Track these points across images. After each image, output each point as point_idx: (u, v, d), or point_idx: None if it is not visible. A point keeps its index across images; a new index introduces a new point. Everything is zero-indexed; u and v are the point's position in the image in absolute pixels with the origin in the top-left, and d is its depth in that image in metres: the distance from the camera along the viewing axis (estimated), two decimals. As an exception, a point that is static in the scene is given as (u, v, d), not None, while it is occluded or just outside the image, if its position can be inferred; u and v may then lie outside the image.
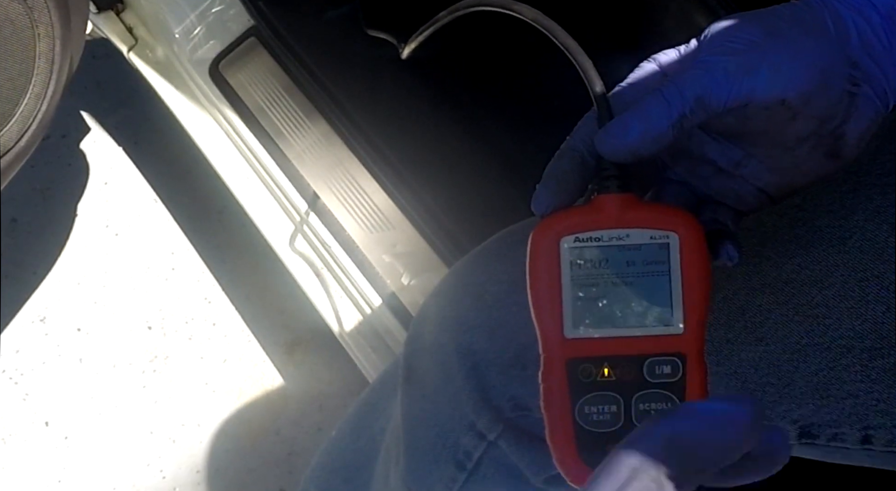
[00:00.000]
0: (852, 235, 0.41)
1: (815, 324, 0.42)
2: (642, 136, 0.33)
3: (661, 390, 0.35)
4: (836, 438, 0.42)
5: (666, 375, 0.35)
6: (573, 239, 0.35)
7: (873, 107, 0.35)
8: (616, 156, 0.34)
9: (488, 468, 0.55)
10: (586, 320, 0.35)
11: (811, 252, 0.42)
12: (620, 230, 0.35)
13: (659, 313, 0.35)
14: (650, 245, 0.35)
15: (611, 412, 0.35)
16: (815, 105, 0.34)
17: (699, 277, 0.35)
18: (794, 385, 0.42)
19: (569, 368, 0.35)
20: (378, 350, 0.88)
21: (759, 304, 0.43)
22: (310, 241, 0.91)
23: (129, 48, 0.99)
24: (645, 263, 0.35)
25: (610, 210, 0.35)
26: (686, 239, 0.35)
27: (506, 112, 0.89)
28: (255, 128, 0.91)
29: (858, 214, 0.42)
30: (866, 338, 0.40)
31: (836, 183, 0.43)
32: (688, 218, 0.35)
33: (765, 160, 0.36)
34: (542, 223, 0.36)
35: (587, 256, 0.35)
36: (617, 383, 0.35)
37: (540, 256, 0.36)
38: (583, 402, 0.35)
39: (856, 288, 0.41)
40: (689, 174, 0.38)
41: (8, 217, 1.19)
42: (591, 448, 0.35)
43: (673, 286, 0.35)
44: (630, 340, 0.35)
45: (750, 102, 0.33)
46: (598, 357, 0.35)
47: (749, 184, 0.37)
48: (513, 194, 0.84)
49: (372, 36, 0.89)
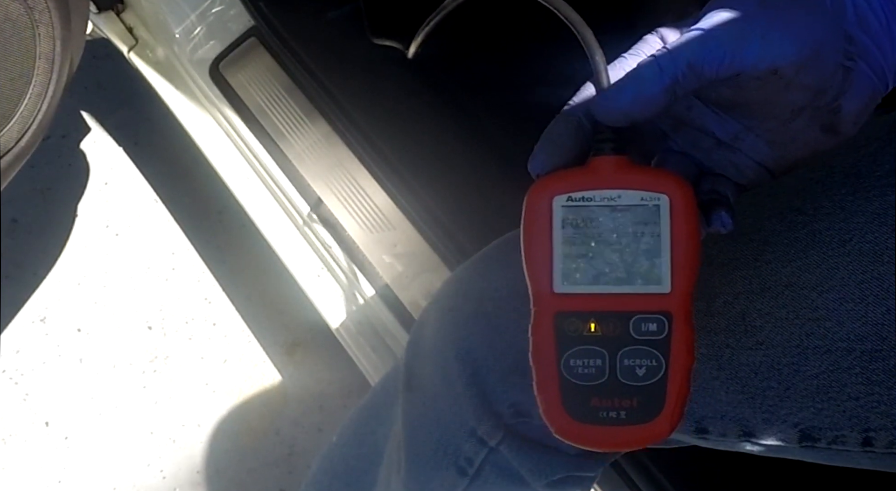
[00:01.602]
0: (852, 238, 0.41)
1: (816, 327, 0.42)
2: (635, 99, 0.34)
3: (647, 347, 0.36)
4: (837, 441, 0.42)
5: (651, 333, 0.36)
6: (566, 198, 0.36)
7: (870, 83, 0.35)
8: (610, 119, 0.35)
9: (490, 474, 0.55)
10: (575, 276, 0.36)
11: (811, 255, 0.42)
12: (612, 191, 0.36)
13: (647, 272, 0.36)
14: (641, 206, 0.36)
15: (595, 366, 0.36)
16: (807, 76, 0.34)
17: (688, 239, 0.36)
18: (795, 388, 0.42)
19: (556, 322, 0.36)
20: (378, 350, 0.88)
21: (758, 308, 0.43)
22: (310, 241, 0.91)
23: (130, 48, 0.99)
24: (635, 223, 0.36)
25: (603, 171, 0.36)
26: (676, 201, 0.35)
27: (506, 112, 0.89)
28: (255, 128, 0.91)
29: (858, 217, 0.42)
30: (867, 340, 0.40)
31: (835, 186, 0.43)
32: (679, 181, 0.36)
33: (763, 134, 0.37)
34: (537, 183, 0.37)
35: (579, 215, 0.36)
36: (603, 338, 0.36)
37: (534, 215, 0.37)
38: (569, 355, 0.36)
39: (856, 290, 0.41)
40: (691, 146, 0.39)
41: (8, 217, 1.19)
42: (576, 401, 0.36)
43: (662, 247, 0.36)
44: (617, 297, 0.36)
45: (742, 71, 0.34)
46: (586, 312, 0.36)
47: (748, 157, 0.37)
48: (513, 194, 0.84)
49: (370, 36, 0.89)
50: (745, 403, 0.44)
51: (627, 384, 0.36)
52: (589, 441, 0.37)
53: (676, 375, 0.36)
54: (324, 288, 0.90)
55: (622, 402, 0.36)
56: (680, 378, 0.36)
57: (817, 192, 0.43)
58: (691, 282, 0.36)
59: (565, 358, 0.36)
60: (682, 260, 0.36)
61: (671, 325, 0.36)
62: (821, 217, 0.43)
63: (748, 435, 0.45)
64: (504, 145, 0.88)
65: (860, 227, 0.41)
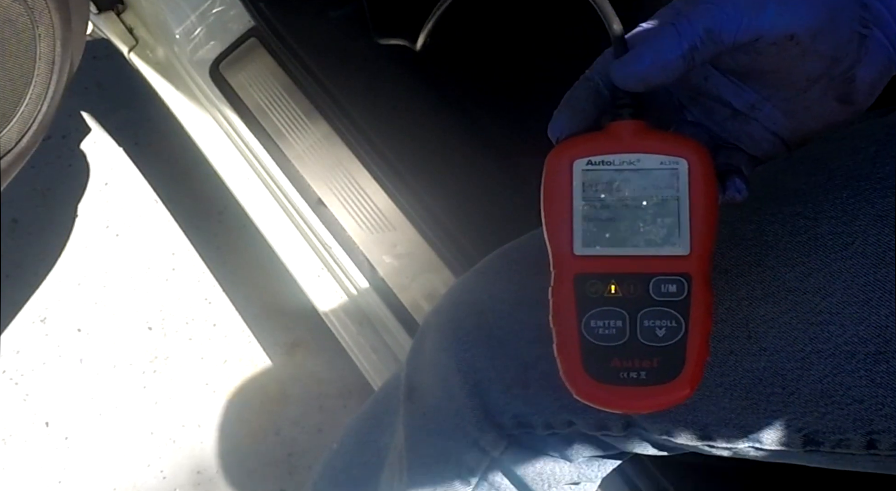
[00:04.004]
0: (854, 241, 0.41)
1: (819, 331, 0.42)
2: (653, 65, 0.34)
3: (666, 308, 0.36)
4: (841, 445, 0.42)
5: (671, 294, 0.36)
6: (585, 162, 0.37)
7: (885, 52, 0.36)
8: (628, 84, 0.35)
9: (492, 484, 0.55)
10: (595, 239, 0.37)
11: (813, 259, 0.42)
12: (631, 155, 0.36)
13: (666, 235, 0.36)
14: (660, 170, 0.36)
15: (616, 327, 0.36)
16: (823, 42, 0.34)
17: (706, 202, 0.36)
18: (799, 393, 0.42)
19: (577, 284, 0.37)
20: (378, 350, 0.88)
21: (762, 314, 0.43)
22: (310, 241, 0.91)
23: (130, 49, 0.99)
24: (654, 186, 0.36)
25: (622, 136, 0.37)
26: (694, 165, 0.36)
27: (506, 112, 0.89)
28: (255, 128, 0.91)
29: (860, 219, 0.42)
30: (870, 343, 0.40)
31: (836, 188, 0.43)
32: (697, 145, 0.36)
33: (779, 104, 0.37)
34: (556, 147, 0.37)
35: (598, 179, 0.37)
36: (623, 300, 0.36)
37: (554, 178, 0.37)
38: (589, 316, 0.37)
39: (859, 293, 0.41)
40: (706, 116, 0.39)
41: (8, 218, 1.19)
42: (596, 361, 0.37)
43: (680, 209, 0.36)
44: (637, 259, 0.36)
45: (759, 37, 0.34)
46: (606, 274, 0.37)
47: (764, 128, 0.38)
48: (513, 195, 0.84)
49: (375, 37, 0.89)
50: (750, 409, 0.44)
51: (648, 345, 0.36)
52: (610, 402, 0.37)
53: (696, 336, 0.36)
54: (324, 288, 0.90)
55: (642, 362, 0.36)
56: (699, 339, 0.36)
57: (819, 195, 0.43)
58: (710, 244, 0.36)
59: (586, 319, 0.37)
60: (700, 222, 0.36)
61: (690, 286, 0.36)
62: (823, 220, 0.43)
63: (752, 441, 0.45)
64: (504, 145, 0.88)
65: (862, 229, 0.41)
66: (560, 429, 0.50)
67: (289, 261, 0.92)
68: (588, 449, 0.52)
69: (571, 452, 0.52)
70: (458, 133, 0.88)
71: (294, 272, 0.92)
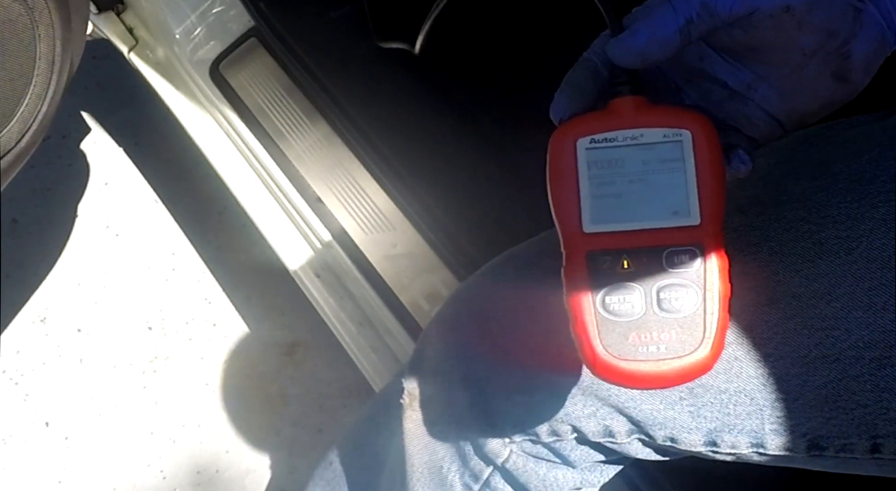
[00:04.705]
0: (859, 245, 0.41)
1: (824, 336, 0.42)
2: (649, 40, 0.35)
3: (681, 279, 0.36)
4: (845, 449, 0.42)
5: (685, 264, 0.36)
6: (589, 141, 0.37)
7: (879, 28, 0.36)
8: (625, 60, 0.36)
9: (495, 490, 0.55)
10: (604, 215, 0.37)
11: (818, 265, 0.42)
12: (634, 130, 0.37)
13: (675, 207, 0.36)
14: (664, 143, 0.36)
15: (632, 302, 0.36)
16: (819, 13, 0.34)
17: (713, 171, 0.36)
18: (804, 398, 0.42)
19: (589, 261, 0.37)
20: (378, 350, 0.88)
21: (766, 320, 0.43)
22: (310, 241, 0.91)
23: (130, 49, 0.99)
24: (659, 160, 0.36)
25: (623, 112, 0.37)
26: (698, 135, 0.36)
27: (506, 112, 0.89)
28: (255, 128, 0.91)
29: (864, 224, 0.41)
30: (875, 347, 0.40)
31: (839, 192, 0.43)
32: (699, 116, 0.36)
33: (774, 83, 0.37)
34: (559, 128, 0.38)
35: (603, 156, 0.37)
36: (637, 274, 0.36)
37: (558, 159, 0.37)
38: (605, 292, 0.37)
39: (864, 298, 0.41)
40: (703, 98, 0.39)
41: (8, 218, 1.19)
42: (615, 338, 0.36)
43: (688, 180, 0.36)
44: (648, 233, 0.36)
45: (755, 10, 0.34)
46: (618, 250, 0.37)
47: (760, 108, 0.38)
48: (513, 195, 0.84)
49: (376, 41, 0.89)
50: (755, 415, 0.44)
51: (665, 317, 0.36)
52: (630, 379, 0.37)
53: (713, 305, 0.36)
54: (324, 288, 0.90)
55: (661, 335, 0.36)
56: (717, 307, 0.36)
57: (822, 200, 0.43)
58: (720, 212, 0.36)
59: (601, 296, 0.37)
60: (709, 191, 0.36)
61: (704, 255, 0.36)
62: (827, 225, 0.43)
63: (756, 446, 0.44)
64: (504, 145, 0.88)
65: (867, 233, 0.41)
66: (564, 435, 0.50)
67: (289, 261, 0.92)
68: (591, 455, 0.52)
69: (574, 459, 0.52)
70: (458, 133, 0.88)
71: (294, 272, 0.92)
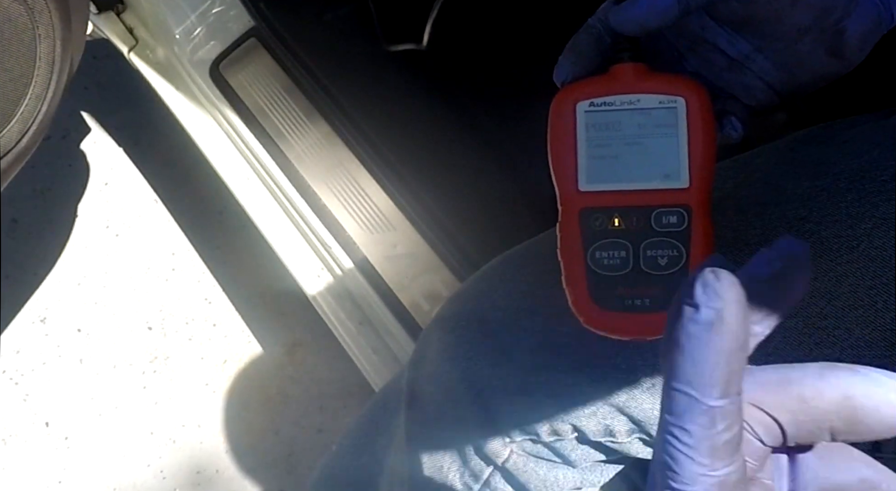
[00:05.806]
0: (860, 244, 0.41)
1: (825, 336, 0.42)
2: (649, 9, 0.36)
3: (668, 238, 0.38)
4: None
5: (672, 225, 0.38)
6: (588, 104, 0.39)
7: (873, 7, 0.37)
8: (626, 27, 0.37)
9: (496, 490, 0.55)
10: (599, 175, 0.39)
11: (819, 264, 0.42)
12: (632, 95, 0.38)
13: (666, 170, 0.38)
14: (659, 109, 0.38)
15: (620, 257, 0.39)
16: None
17: (704, 137, 0.38)
18: None
19: (582, 218, 0.39)
20: (378, 350, 0.88)
21: None
22: (310, 241, 0.91)
23: (130, 49, 0.99)
24: (654, 125, 0.38)
25: (622, 78, 0.38)
26: (692, 103, 0.38)
27: (506, 112, 0.89)
28: (255, 128, 0.91)
29: (865, 222, 0.41)
30: (876, 346, 0.40)
31: (840, 192, 0.43)
32: (694, 84, 0.38)
33: (771, 55, 0.38)
34: (561, 91, 0.39)
35: (601, 119, 0.39)
36: (626, 232, 0.38)
37: (558, 120, 0.39)
38: (595, 248, 0.39)
39: (865, 297, 0.41)
40: (704, 67, 0.40)
41: (8, 218, 1.19)
42: (603, 291, 0.39)
43: (680, 145, 0.38)
44: (639, 193, 0.38)
45: None
46: (609, 208, 0.39)
47: (757, 77, 0.39)
48: (513, 194, 0.84)
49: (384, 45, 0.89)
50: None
51: (651, 273, 0.38)
52: (616, 329, 0.39)
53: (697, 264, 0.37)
54: (324, 288, 0.90)
55: (646, 290, 0.38)
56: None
57: (823, 199, 0.44)
58: (709, 177, 0.38)
59: (591, 251, 0.39)
60: (699, 156, 0.38)
61: (691, 217, 0.38)
62: (828, 224, 0.43)
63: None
64: (504, 145, 0.88)
65: (867, 232, 0.41)
66: (564, 435, 0.50)
67: (289, 261, 0.92)
68: (592, 454, 0.52)
69: (575, 458, 0.52)
70: (459, 133, 0.88)
71: (294, 272, 0.92)
